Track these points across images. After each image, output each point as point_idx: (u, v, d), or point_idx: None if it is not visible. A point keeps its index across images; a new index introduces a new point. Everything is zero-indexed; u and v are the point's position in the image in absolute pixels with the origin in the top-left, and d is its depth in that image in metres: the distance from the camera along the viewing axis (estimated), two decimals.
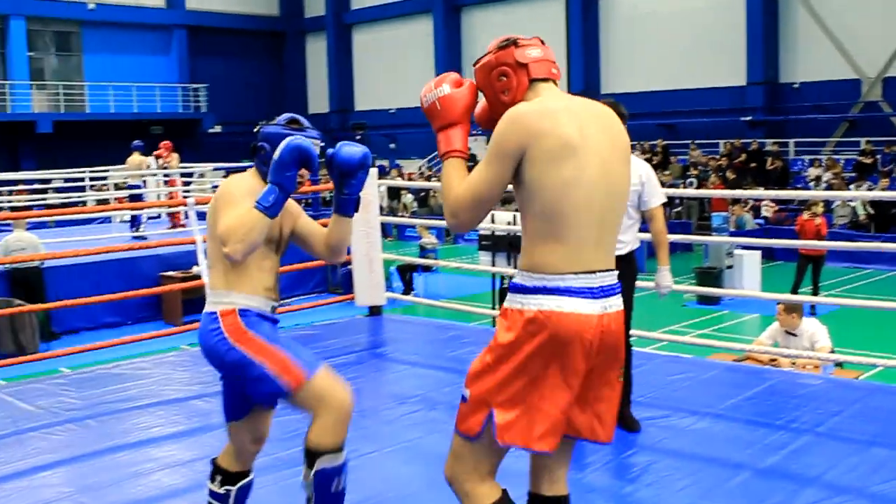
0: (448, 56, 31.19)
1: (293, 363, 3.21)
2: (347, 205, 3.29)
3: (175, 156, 17.19)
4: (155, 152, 16.87)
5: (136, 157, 16.01)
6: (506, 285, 11.62)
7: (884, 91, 22.28)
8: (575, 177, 2.45)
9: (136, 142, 16.32)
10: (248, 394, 3.33)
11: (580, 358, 2.47)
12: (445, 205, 2.58)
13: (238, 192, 3.21)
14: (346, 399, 3.24)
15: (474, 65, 2.76)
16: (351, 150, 3.21)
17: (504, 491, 2.67)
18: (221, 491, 3.49)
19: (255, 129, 3.41)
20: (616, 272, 2.59)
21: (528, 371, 2.47)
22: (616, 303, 2.56)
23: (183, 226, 16.05)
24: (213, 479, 3.53)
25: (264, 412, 3.51)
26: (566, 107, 2.54)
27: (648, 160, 23.43)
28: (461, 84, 2.73)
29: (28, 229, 12.10)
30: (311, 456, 3.22)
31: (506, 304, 2.54)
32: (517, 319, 2.48)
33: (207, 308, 3.29)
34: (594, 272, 2.50)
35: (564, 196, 2.45)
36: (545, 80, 2.65)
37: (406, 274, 14.55)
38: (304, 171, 3.17)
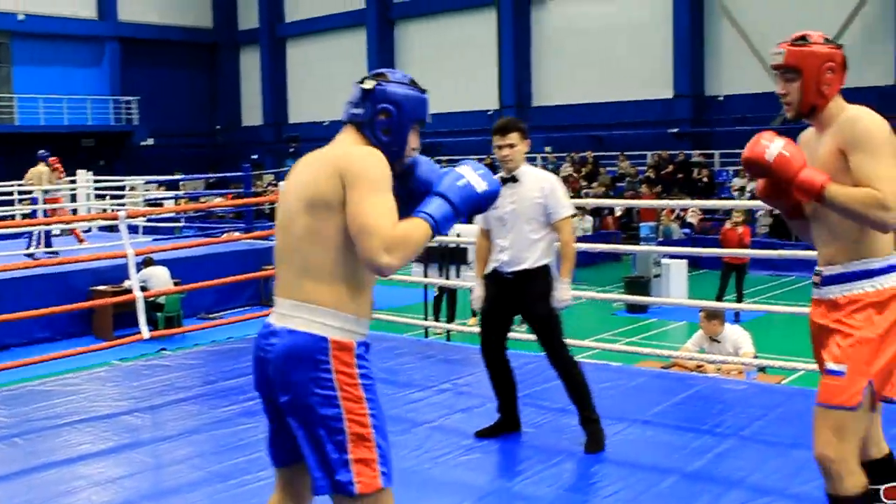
0: (381, 68, 31.12)
1: (376, 454, 2.53)
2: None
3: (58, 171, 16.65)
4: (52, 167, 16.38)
5: (39, 168, 15.50)
6: (437, 294, 11.72)
7: None
8: None
9: (41, 151, 15.81)
10: (307, 456, 2.58)
11: None
12: (876, 210, 2.82)
13: (384, 175, 2.55)
14: None
15: (795, 45, 3.05)
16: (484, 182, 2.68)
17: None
18: None
19: (367, 86, 2.72)
20: None
21: None
22: None
23: (82, 240, 15.68)
24: None
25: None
26: None
27: (578, 171, 23.76)
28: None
29: None
30: None
31: (865, 289, 2.95)
32: (884, 297, 2.93)
33: (300, 325, 2.56)
34: None
35: None
36: None
37: None
38: None
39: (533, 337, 4.91)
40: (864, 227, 2.93)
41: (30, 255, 13.72)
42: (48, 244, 14.59)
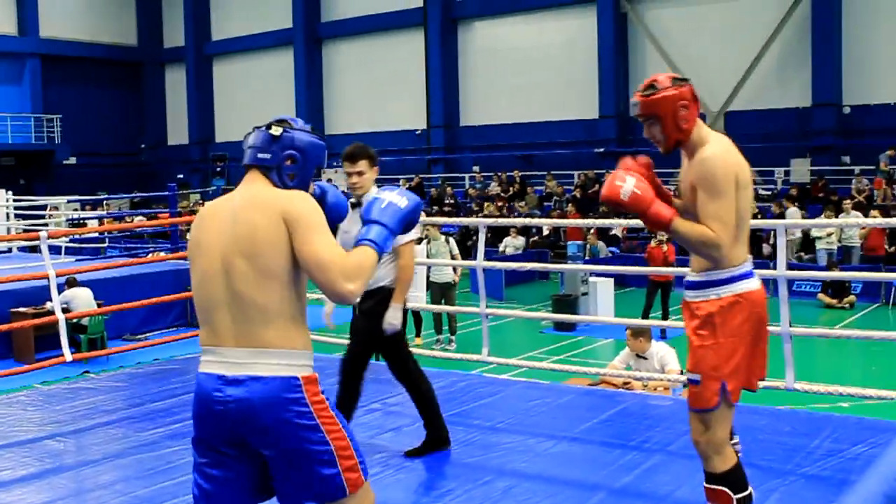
0: (309, 88, 31.15)
1: (357, 459, 2.77)
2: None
3: None
4: None
5: None
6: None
7: (726, 124, 23.36)
8: (749, 196, 3.39)
9: None
10: (291, 488, 2.77)
11: (765, 316, 3.45)
12: (707, 247, 3.30)
13: (322, 214, 2.75)
14: None
15: (647, 95, 3.37)
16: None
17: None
18: None
19: (275, 132, 2.86)
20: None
21: (744, 339, 3.35)
22: None
23: None
24: None
25: None
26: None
27: (506, 190, 23.92)
28: (637, 168, 3.46)
29: None
30: None
31: (709, 296, 3.38)
32: (725, 303, 3.35)
33: (265, 370, 2.66)
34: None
35: (747, 211, 3.36)
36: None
37: None
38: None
39: (458, 355, 4.95)
40: None
41: None
42: None
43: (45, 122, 32.74)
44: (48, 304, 10.51)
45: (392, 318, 4.81)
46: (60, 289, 10.07)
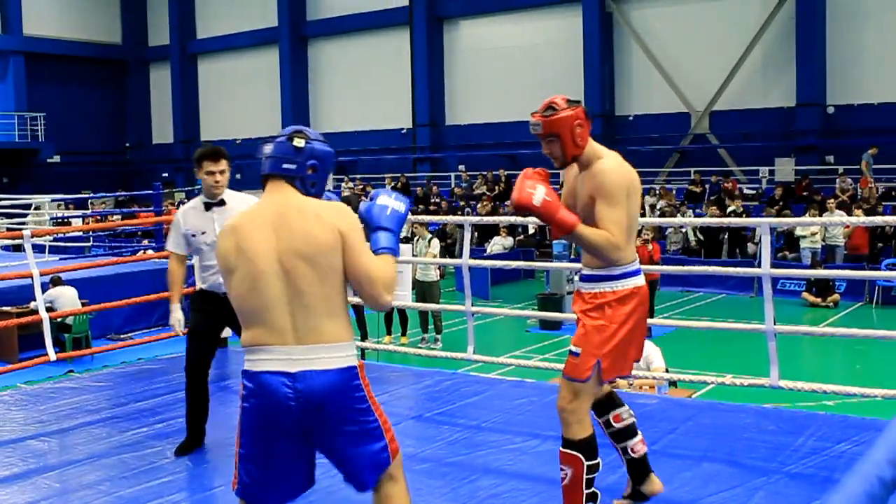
0: (294, 87, 31.08)
1: (393, 430, 3.05)
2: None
3: None
4: None
5: None
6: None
7: (710, 124, 23.45)
8: (638, 203, 3.78)
9: None
10: (353, 467, 3.02)
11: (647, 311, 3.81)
12: (608, 248, 3.61)
13: (362, 230, 3.03)
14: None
15: (547, 116, 3.78)
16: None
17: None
18: None
19: (299, 144, 3.03)
20: None
21: (626, 327, 3.69)
22: None
23: None
24: None
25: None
26: None
27: (491, 189, 23.93)
28: (540, 179, 3.76)
29: None
30: None
31: (604, 289, 3.71)
32: (619, 295, 3.71)
33: (330, 364, 2.89)
34: None
35: (635, 216, 3.74)
36: None
37: None
38: None
39: (444, 354, 4.93)
40: None
41: None
42: None
43: (29, 120, 32.58)
44: (32, 304, 10.46)
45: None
46: (45, 288, 10.03)
